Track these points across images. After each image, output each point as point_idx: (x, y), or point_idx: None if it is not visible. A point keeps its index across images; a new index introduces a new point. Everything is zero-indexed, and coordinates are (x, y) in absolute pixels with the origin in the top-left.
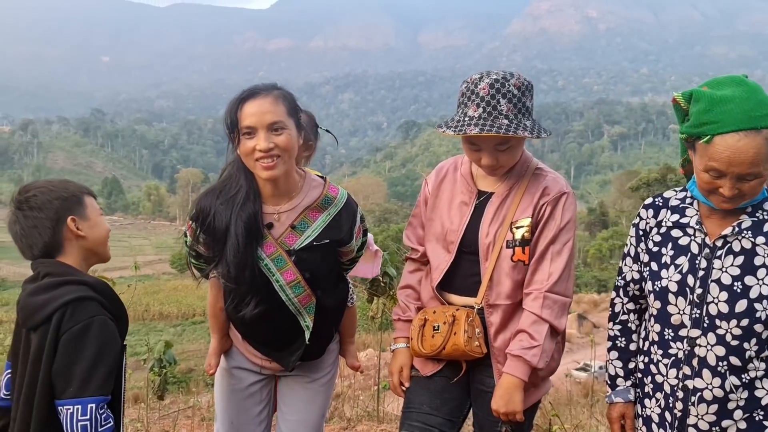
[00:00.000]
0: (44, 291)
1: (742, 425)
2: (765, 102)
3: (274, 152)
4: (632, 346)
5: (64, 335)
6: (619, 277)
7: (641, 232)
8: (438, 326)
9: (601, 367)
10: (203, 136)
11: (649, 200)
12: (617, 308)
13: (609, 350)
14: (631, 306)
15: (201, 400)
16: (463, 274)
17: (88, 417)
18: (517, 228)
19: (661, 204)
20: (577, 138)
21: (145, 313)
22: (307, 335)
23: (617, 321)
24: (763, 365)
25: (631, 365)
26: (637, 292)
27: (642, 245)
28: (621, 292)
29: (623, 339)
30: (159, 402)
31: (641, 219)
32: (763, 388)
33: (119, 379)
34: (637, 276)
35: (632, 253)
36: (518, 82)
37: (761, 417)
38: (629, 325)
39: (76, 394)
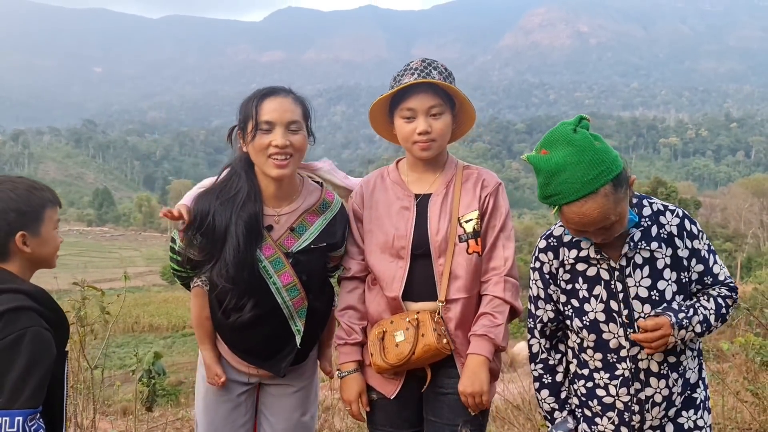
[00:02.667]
0: None
1: (679, 405)
2: (594, 161)
3: (288, 150)
4: (558, 377)
5: None
6: (531, 320)
7: (547, 276)
8: (401, 334)
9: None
10: (195, 147)
11: (543, 243)
12: (535, 349)
13: (538, 390)
14: (548, 345)
15: (191, 412)
16: (418, 280)
17: (15, 429)
18: (466, 222)
19: (556, 244)
20: None
21: (135, 325)
22: (298, 339)
23: (538, 361)
24: (688, 351)
25: (563, 395)
26: (553, 329)
27: (552, 287)
28: (537, 333)
29: (549, 376)
30: (148, 414)
31: (543, 263)
32: (690, 369)
33: (60, 387)
34: (552, 315)
35: (542, 296)
36: (446, 66)
37: (689, 392)
38: (550, 362)
39: (5, 405)
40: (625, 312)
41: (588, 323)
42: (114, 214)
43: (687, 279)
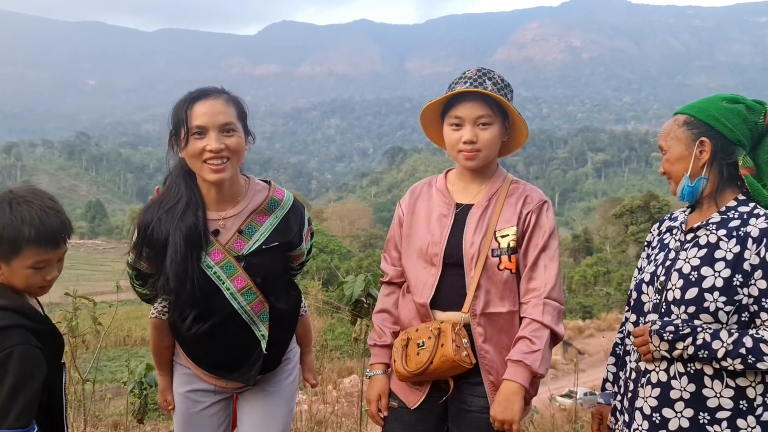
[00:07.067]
0: None
1: (685, 423)
2: (698, 101)
3: (224, 153)
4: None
5: None
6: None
7: (645, 244)
8: (422, 342)
9: (585, 394)
10: None
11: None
12: (623, 318)
13: (610, 355)
14: (633, 318)
15: None
16: (448, 289)
17: None
18: (502, 237)
19: (667, 218)
20: (561, 165)
21: (127, 338)
22: (264, 345)
23: (620, 330)
24: (709, 368)
25: (622, 373)
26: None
27: (643, 254)
28: (627, 304)
29: (622, 346)
30: (139, 426)
31: (649, 233)
32: (711, 388)
33: (59, 399)
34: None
35: (638, 265)
36: (503, 77)
37: (706, 421)
38: (624, 333)
39: None
40: (662, 278)
41: (637, 281)
42: (106, 227)
43: (739, 283)
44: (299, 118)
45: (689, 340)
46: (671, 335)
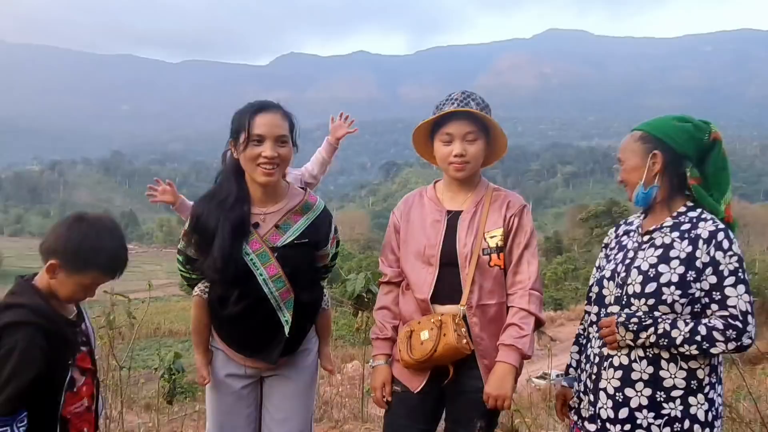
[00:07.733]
0: None
1: (644, 401)
2: (654, 119)
3: (275, 161)
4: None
5: None
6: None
7: (603, 245)
8: (426, 333)
9: (558, 375)
10: (210, 175)
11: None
12: (585, 311)
13: (573, 344)
14: (595, 309)
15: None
16: (444, 285)
17: None
18: (491, 237)
19: (623, 223)
20: (534, 176)
21: (157, 330)
22: (287, 329)
23: (582, 321)
24: (666, 353)
25: (584, 358)
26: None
27: (602, 254)
28: (587, 298)
29: (584, 335)
30: (169, 407)
31: (606, 236)
32: (667, 370)
33: (57, 395)
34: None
35: (597, 264)
36: (483, 98)
37: (662, 399)
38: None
39: None
40: (623, 275)
41: (598, 278)
42: (138, 234)
43: (692, 279)
44: (306, 137)
45: (651, 330)
46: (636, 326)
